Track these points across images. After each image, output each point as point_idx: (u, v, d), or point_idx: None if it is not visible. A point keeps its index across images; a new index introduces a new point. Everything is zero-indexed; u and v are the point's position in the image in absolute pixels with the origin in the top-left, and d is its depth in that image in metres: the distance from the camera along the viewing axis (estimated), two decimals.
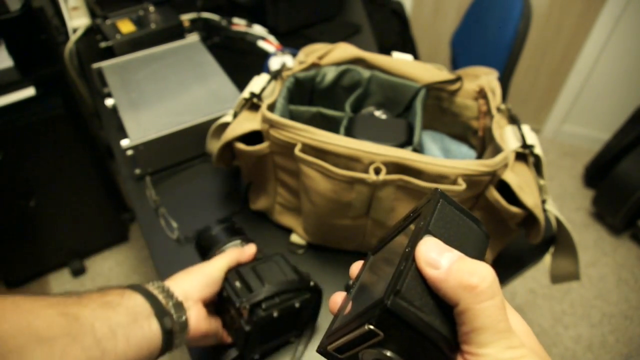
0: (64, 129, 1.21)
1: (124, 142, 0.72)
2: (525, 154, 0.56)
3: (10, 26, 1.03)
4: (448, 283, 0.21)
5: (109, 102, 0.81)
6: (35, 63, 1.11)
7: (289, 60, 0.90)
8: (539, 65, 1.93)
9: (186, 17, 1.10)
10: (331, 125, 0.65)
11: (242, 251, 0.52)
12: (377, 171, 0.52)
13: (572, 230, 0.62)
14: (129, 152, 0.72)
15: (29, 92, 1.10)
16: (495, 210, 0.54)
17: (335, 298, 0.29)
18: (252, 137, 0.59)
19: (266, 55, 0.99)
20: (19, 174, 1.21)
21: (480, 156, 0.69)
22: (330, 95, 0.71)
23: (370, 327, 0.21)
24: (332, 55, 0.70)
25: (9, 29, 1.04)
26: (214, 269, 0.49)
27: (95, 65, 0.89)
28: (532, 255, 0.69)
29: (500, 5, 1.15)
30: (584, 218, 1.76)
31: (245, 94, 0.63)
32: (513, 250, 0.67)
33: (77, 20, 1.12)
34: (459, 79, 0.68)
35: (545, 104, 2.04)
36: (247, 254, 0.52)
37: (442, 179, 0.51)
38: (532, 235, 0.57)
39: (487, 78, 0.66)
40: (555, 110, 2.02)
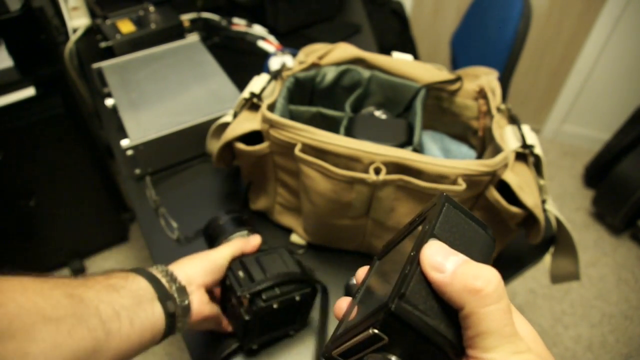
0: (64, 129, 1.20)
1: (124, 142, 0.72)
2: (525, 154, 0.56)
3: (10, 26, 1.03)
4: (453, 287, 0.21)
5: (109, 102, 0.81)
6: (35, 63, 1.11)
7: (289, 60, 0.90)
8: (539, 65, 1.93)
9: (186, 17, 1.10)
10: (331, 125, 0.65)
11: (247, 241, 0.53)
12: (377, 171, 0.52)
13: (572, 230, 0.62)
14: (129, 152, 0.72)
15: (29, 92, 1.10)
16: (495, 210, 0.54)
17: (340, 304, 0.29)
18: (252, 137, 0.59)
19: (266, 55, 0.99)
20: (19, 174, 1.20)
21: (480, 156, 0.69)
22: (330, 95, 0.71)
23: (375, 331, 0.21)
24: (332, 55, 0.70)
25: (9, 29, 1.04)
26: (218, 257, 0.50)
27: (95, 65, 0.89)
28: (532, 255, 0.69)
29: (500, 5, 1.15)
30: (584, 218, 1.76)
31: (245, 94, 0.63)
32: (513, 250, 0.67)
33: (77, 20, 1.12)
34: (459, 79, 0.68)
35: (545, 104, 2.04)
36: (251, 245, 0.53)
37: (442, 179, 0.51)
38: (532, 235, 0.57)
39: (487, 78, 0.66)
40: (555, 110, 2.02)
